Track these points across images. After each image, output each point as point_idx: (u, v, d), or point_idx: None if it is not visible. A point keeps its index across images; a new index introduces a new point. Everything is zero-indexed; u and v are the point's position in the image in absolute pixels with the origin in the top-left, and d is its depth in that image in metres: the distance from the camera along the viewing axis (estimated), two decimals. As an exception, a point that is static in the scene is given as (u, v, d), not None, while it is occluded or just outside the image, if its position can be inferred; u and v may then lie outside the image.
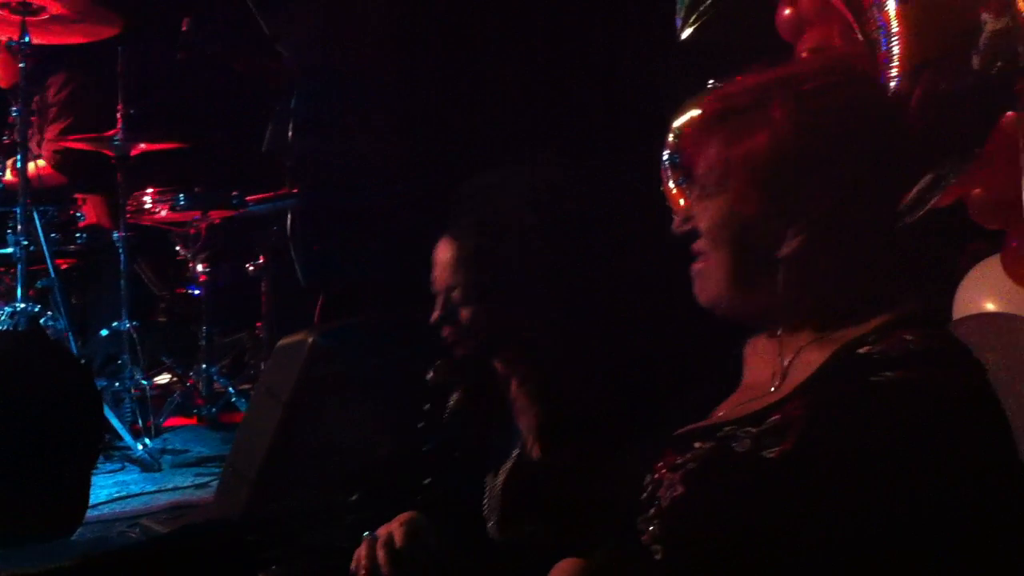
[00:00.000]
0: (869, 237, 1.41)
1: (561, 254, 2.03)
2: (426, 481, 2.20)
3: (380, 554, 1.94)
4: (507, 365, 2.12)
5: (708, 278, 1.48)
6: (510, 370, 2.12)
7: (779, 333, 1.48)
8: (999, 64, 2.42)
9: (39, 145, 5.23)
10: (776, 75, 1.43)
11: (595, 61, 4.59)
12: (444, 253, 2.07)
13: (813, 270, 1.42)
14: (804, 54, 2.97)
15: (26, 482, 1.54)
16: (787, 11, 3.23)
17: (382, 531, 1.98)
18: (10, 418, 1.52)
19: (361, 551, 1.96)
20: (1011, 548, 1.28)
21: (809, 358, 1.41)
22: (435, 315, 2.06)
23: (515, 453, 2.11)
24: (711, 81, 1.54)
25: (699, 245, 1.48)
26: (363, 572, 1.93)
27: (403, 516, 2.02)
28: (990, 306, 3.09)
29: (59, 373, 1.62)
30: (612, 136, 4.29)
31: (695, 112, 1.49)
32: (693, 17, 3.03)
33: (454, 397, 2.21)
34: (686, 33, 3.07)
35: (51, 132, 5.27)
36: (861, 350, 1.33)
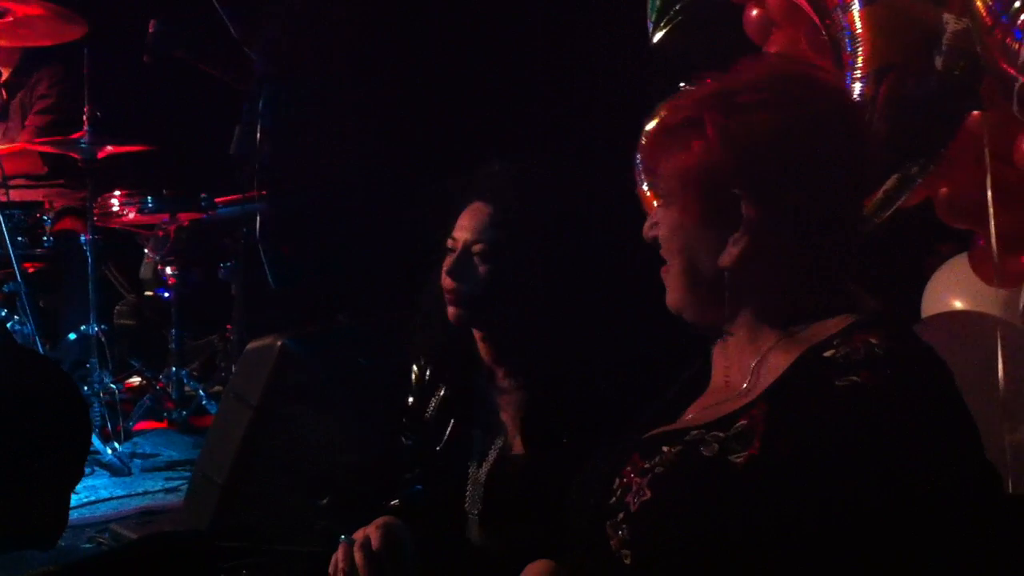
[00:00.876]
0: (814, 242, 1.42)
1: (567, 250, 2.09)
2: (408, 476, 2.20)
3: (358, 556, 1.94)
4: (496, 350, 2.15)
5: (669, 285, 1.51)
6: (498, 358, 2.15)
7: (742, 336, 1.48)
8: (962, 64, 2.44)
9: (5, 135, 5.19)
10: (712, 88, 1.44)
11: (562, 61, 4.60)
12: (477, 212, 2.12)
13: (756, 277, 1.43)
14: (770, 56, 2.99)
15: (5, 494, 1.52)
16: (754, 12, 3.24)
17: (359, 534, 1.99)
18: None
19: (339, 554, 1.96)
20: (973, 547, 1.28)
21: (775, 361, 1.41)
22: (448, 264, 2.10)
23: (497, 446, 2.12)
24: (682, 84, 1.54)
25: (662, 251, 1.51)
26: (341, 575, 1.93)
27: (379, 520, 2.03)
28: (958, 304, 3.12)
29: (44, 386, 1.60)
30: (584, 138, 4.30)
31: (653, 121, 1.50)
32: (664, 21, 3.05)
33: (439, 393, 2.21)
34: (657, 37, 3.08)
35: (39, 120, 5.23)
36: (826, 353, 1.34)
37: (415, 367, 2.25)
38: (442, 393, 2.22)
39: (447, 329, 2.16)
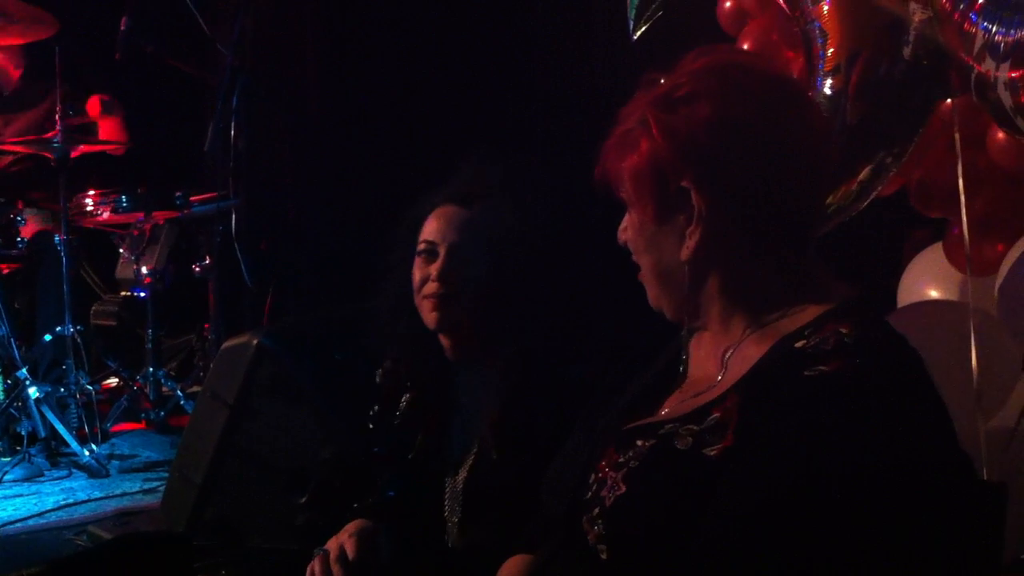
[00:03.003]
0: (769, 229, 1.42)
1: (549, 249, 2.10)
2: (379, 483, 2.19)
3: (336, 569, 1.92)
4: (470, 353, 2.13)
5: (646, 287, 1.52)
6: (472, 361, 2.13)
7: (715, 328, 1.48)
8: (929, 53, 2.45)
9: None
10: (657, 88, 1.46)
11: (537, 58, 4.59)
12: (454, 215, 2.10)
13: (718, 268, 1.44)
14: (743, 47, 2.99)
15: None
16: (728, 4, 3.25)
17: (332, 544, 1.97)
18: None
19: (315, 567, 1.94)
20: (945, 534, 1.28)
21: (747, 352, 1.41)
22: (436, 268, 2.08)
23: (472, 451, 2.10)
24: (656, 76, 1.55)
25: (633, 256, 1.52)
26: None
27: (352, 526, 2.01)
28: (934, 293, 3.13)
29: None
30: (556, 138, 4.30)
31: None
32: (644, 17, 3.05)
33: (405, 398, 2.20)
34: (638, 33, 3.08)
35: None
36: (797, 344, 1.34)
37: (379, 372, 2.23)
38: (410, 399, 2.20)
39: (414, 332, 2.14)
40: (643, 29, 3.06)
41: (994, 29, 2.14)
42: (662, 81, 1.46)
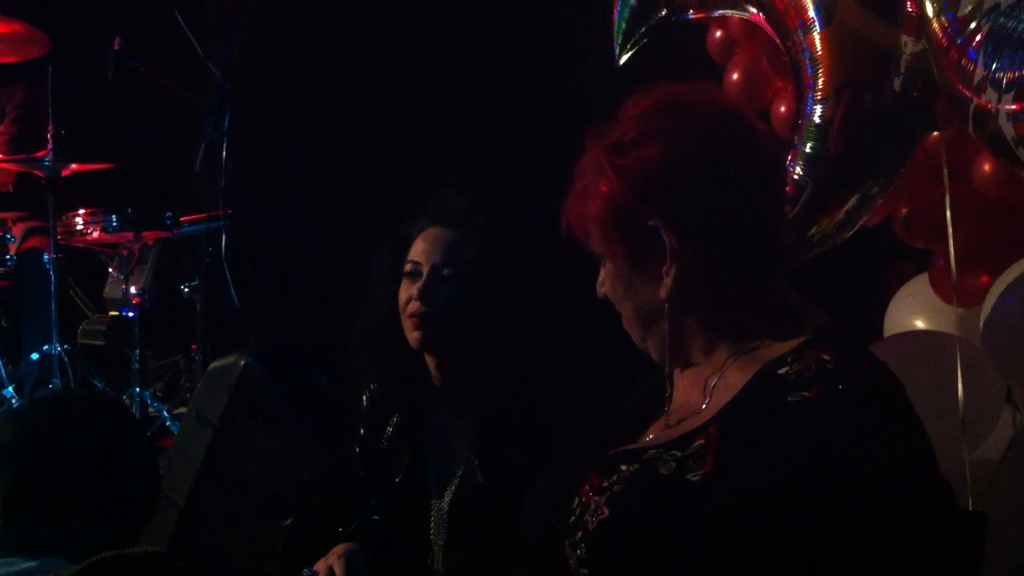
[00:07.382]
0: (741, 256, 1.43)
1: (530, 270, 2.15)
2: (364, 506, 2.19)
3: None
4: (454, 374, 2.14)
5: (630, 331, 1.53)
6: (456, 382, 2.13)
7: (698, 358, 1.49)
8: (919, 85, 2.47)
9: None
10: (607, 137, 1.47)
11: (522, 81, 4.61)
12: (440, 236, 2.12)
13: (696, 301, 1.45)
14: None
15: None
16: (718, 33, 3.28)
17: (320, 566, 1.97)
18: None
19: None
20: (925, 562, 1.29)
21: (731, 379, 1.42)
22: (418, 288, 2.10)
23: (458, 474, 2.10)
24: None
25: (616, 306, 1.54)
26: None
27: (339, 548, 2.02)
28: (919, 324, 3.14)
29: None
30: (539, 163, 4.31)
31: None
32: (630, 43, 3.06)
33: (393, 421, 2.20)
34: (624, 59, 3.10)
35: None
36: (780, 371, 1.35)
37: (365, 395, 2.23)
38: (396, 421, 2.20)
39: (400, 354, 2.15)
40: (628, 55, 3.07)
41: (995, 66, 2.14)
42: (608, 130, 1.47)
